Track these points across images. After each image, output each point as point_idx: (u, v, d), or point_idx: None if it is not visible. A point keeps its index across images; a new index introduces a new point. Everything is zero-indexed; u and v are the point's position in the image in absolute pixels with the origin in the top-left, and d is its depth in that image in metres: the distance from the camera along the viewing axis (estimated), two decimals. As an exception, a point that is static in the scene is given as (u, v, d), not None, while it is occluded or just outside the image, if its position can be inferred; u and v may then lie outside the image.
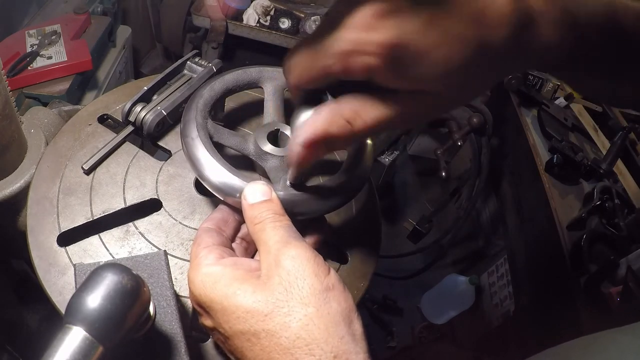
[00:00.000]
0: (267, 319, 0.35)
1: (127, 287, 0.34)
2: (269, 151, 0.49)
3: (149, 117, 0.59)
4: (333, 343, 0.34)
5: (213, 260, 0.40)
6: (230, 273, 0.38)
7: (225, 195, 0.45)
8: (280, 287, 0.36)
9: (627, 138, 1.20)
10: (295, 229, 0.40)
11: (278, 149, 0.49)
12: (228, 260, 0.40)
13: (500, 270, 1.47)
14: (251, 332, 0.35)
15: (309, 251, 0.38)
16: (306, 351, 0.33)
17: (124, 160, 0.59)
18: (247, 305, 0.36)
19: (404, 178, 2.00)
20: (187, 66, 0.67)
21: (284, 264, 0.37)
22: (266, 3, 1.49)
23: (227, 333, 0.37)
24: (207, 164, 0.45)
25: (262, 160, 0.49)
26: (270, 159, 0.49)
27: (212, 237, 0.42)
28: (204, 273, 0.39)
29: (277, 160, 0.48)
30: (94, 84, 1.10)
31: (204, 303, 0.39)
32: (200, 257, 0.40)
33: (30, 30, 1.00)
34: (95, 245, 0.52)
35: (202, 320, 0.41)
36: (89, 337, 0.32)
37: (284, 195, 0.43)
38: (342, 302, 0.36)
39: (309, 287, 0.36)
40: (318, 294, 0.35)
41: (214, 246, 0.41)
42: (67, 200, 0.54)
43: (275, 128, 0.51)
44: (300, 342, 0.34)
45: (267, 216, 0.40)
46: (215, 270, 0.39)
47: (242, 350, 0.36)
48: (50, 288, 0.48)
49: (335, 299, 0.36)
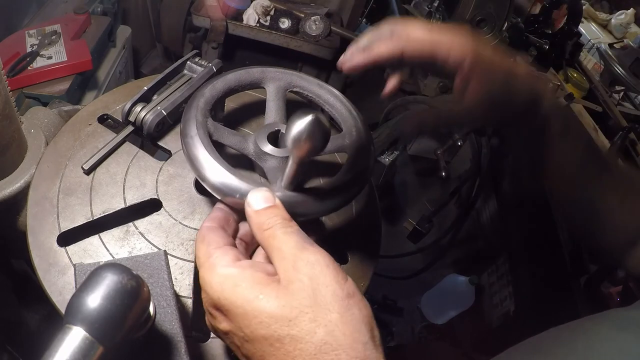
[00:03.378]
0: (292, 324, 0.34)
1: (127, 287, 0.34)
2: (269, 152, 0.48)
3: (149, 117, 0.59)
4: (358, 349, 0.34)
5: (230, 262, 0.38)
6: (250, 276, 0.37)
7: (224, 195, 0.45)
8: (303, 292, 0.35)
9: (627, 138, 1.20)
10: (305, 234, 0.40)
11: (278, 149, 0.49)
12: (245, 262, 0.39)
13: (500, 270, 1.47)
14: (275, 337, 0.35)
15: (327, 257, 0.38)
16: (333, 356, 0.33)
17: (124, 160, 0.59)
18: (271, 310, 0.35)
19: (404, 178, 1.99)
20: (187, 66, 0.67)
21: (304, 270, 0.36)
22: (266, 3, 1.49)
23: (246, 337, 0.36)
24: (205, 163, 0.45)
25: (262, 161, 0.49)
26: (270, 160, 0.49)
27: (221, 237, 0.41)
28: (223, 275, 0.38)
29: (277, 161, 0.48)
30: (94, 84, 1.10)
31: (222, 306, 0.37)
32: (215, 258, 0.39)
33: (30, 30, 1.00)
34: (95, 245, 0.52)
35: (216, 323, 0.39)
36: (89, 337, 0.32)
37: (284, 197, 0.43)
38: (362, 308, 0.36)
39: (332, 294, 0.35)
40: (340, 300, 0.35)
41: (227, 247, 0.40)
42: (67, 200, 0.54)
43: (276, 129, 0.51)
44: (327, 347, 0.33)
45: (276, 222, 0.39)
46: (234, 272, 0.38)
47: (264, 355, 0.35)
48: (50, 288, 0.48)
49: (356, 305, 0.36)
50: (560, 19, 1.51)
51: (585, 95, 1.60)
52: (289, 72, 0.57)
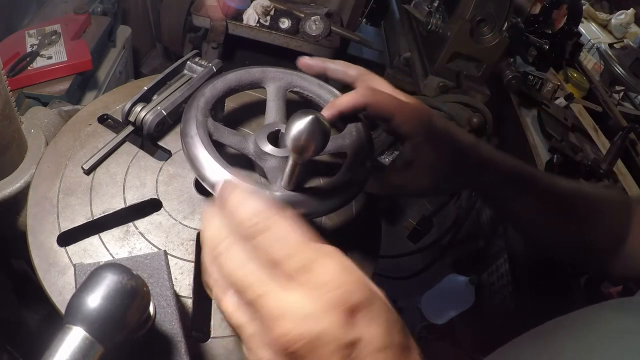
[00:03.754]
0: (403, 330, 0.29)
1: (127, 287, 0.34)
2: (269, 151, 0.49)
3: (149, 117, 0.59)
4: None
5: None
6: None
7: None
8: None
9: (627, 138, 1.20)
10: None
11: (278, 149, 0.49)
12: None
13: (500, 270, 1.47)
14: (404, 344, 0.28)
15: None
16: None
17: (124, 160, 0.59)
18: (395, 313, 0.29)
19: (404, 178, 1.99)
20: (187, 66, 0.67)
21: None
22: (266, 3, 1.49)
23: (380, 345, 0.27)
24: (205, 163, 0.45)
25: (262, 160, 0.49)
26: (270, 159, 0.49)
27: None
28: (343, 258, 0.29)
29: (277, 161, 0.48)
30: (94, 84, 1.10)
31: (360, 302, 0.27)
32: (318, 241, 0.31)
33: (30, 30, 1.00)
34: (95, 245, 0.52)
35: (346, 328, 0.27)
36: (89, 337, 0.32)
37: (283, 196, 0.43)
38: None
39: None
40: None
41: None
42: (67, 200, 0.54)
43: (276, 129, 0.51)
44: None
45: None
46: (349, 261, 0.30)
47: None
48: (50, 288, 0.48)
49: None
50: (560, 19, 1.51)
51: (585, 95, 1.60)
52: (290, 72, 0.57)
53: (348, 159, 0.50)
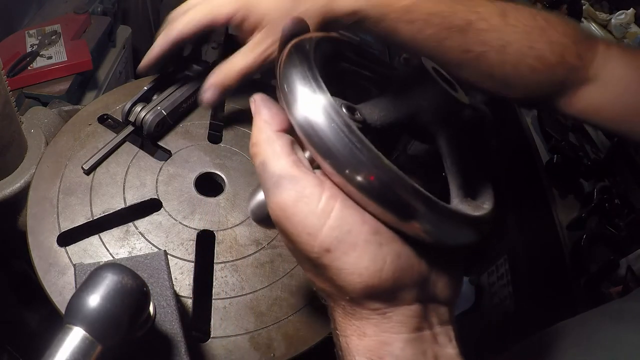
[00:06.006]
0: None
1: (127, 287, 0.34)
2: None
3: (149, 117, 0.59)
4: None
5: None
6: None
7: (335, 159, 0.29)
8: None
9: (627, 138, 1.19)
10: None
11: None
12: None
13: (500, 270, 1.47)
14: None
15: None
16: None
17: (124, 160, 0.59)
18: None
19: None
20: (187, 66, 0.67)
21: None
22: (266, 3, 1.50)
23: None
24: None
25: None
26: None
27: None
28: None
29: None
30: (94, 84, 1.10)
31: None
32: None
33: (30, 30, 1.00)
34: (95, 245, 0.52)
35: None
36: (89, 337, 0.32)
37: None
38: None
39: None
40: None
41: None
42: (67, 200, 0.54)
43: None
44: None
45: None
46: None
47: None
48: (50, 288, 0.48)
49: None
50: (560, 19, 1.51)
51: (585, 95, 1.60)
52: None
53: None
